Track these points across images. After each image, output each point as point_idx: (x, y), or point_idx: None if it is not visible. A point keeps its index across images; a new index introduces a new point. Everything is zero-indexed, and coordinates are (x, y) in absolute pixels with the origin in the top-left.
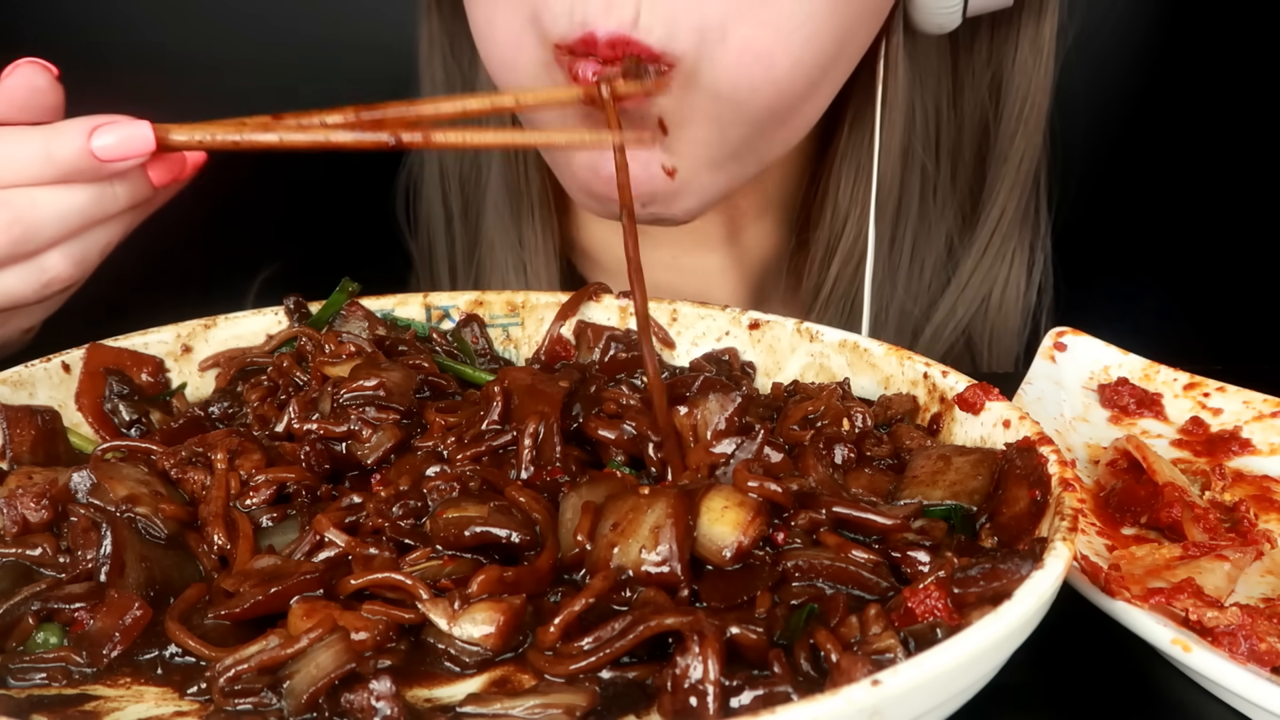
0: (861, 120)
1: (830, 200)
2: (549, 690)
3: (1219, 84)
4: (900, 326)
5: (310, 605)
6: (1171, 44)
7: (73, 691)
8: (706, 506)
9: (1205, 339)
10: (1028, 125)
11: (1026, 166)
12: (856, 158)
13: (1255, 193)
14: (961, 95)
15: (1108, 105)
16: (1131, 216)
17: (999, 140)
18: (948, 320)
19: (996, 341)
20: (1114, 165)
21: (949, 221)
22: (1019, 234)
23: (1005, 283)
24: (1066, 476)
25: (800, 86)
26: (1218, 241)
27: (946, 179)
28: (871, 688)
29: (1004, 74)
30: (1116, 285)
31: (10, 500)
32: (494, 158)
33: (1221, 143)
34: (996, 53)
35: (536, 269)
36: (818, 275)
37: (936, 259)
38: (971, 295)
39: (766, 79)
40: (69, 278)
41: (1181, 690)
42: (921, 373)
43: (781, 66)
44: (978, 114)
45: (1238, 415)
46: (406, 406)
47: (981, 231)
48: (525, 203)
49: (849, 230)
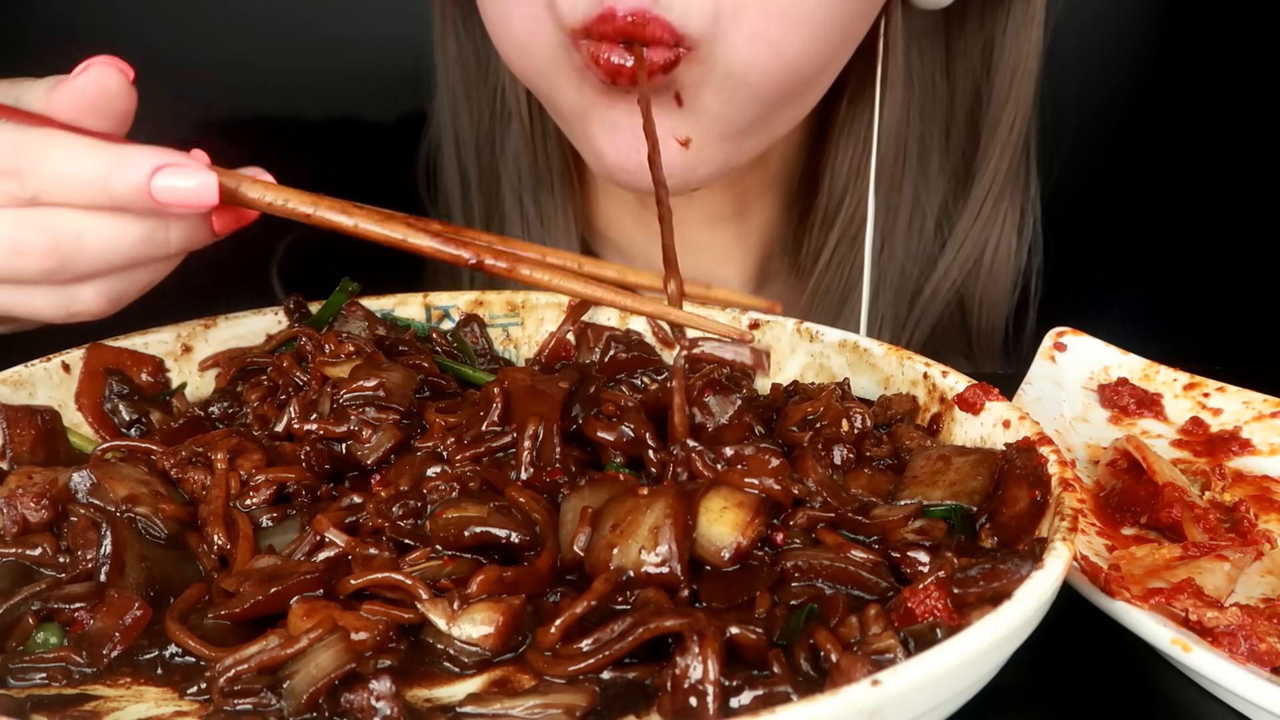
0: (861, 94)
1: (829, 169)
2: (549, 690)
3: (1216, 81)
4: (900, 288)
5: (310, 605)
6: (1169, 40)
7: (73, 691)
8: (705, 507)
9: (1193, 333)
10: (1019, 90)
11: (1018, 130)
12: (856, 130)
13: (1253, 191)
14: (954, 63)
15: (1107, 103)
16: (1126, 213)
17: (991, 106)
18: (944, 281)
19: (988, 300)
20: (1110, 163)
21: (943, 185)
22: (1009, 196)
23: (997, 243)
24: (1066, 476)
25: (809, 70)
26: (1216, 240)
27: (940, 144)
28: (871, 688)
29: (995, 41)
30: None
31: (10, 500)
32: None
33: (1218, 141)
34: (988, 21)
35: (555, 240)
36: (817, 241)
37: (933, 222)
38: (966, 255)
39: (778, 64)
40: (98, 313)
41: (1181, 690)
42: (921, 373)
43: (792, 52)
44: (970, 81)
45: (1238, 415)
46: (406, 407)
47: (975, 193)
48: (545, 178)
49: (849, 198)
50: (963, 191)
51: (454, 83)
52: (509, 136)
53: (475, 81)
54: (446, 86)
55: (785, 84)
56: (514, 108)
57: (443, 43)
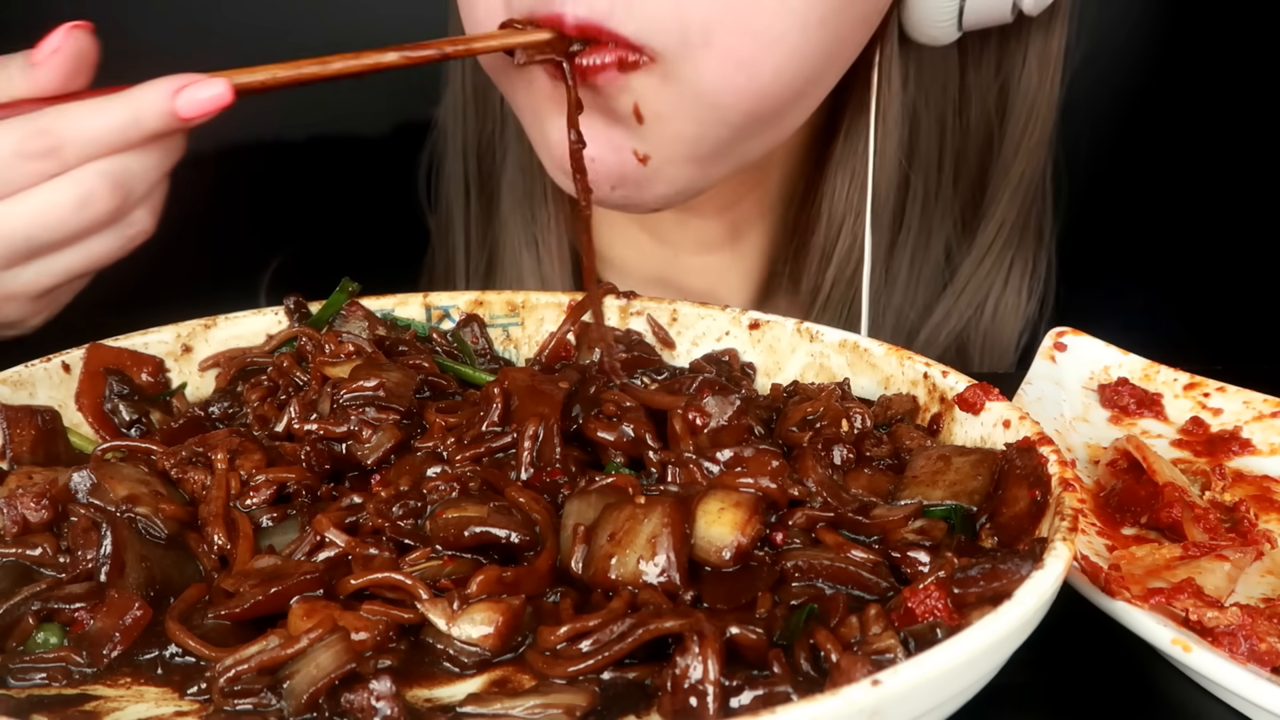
0: (857, 127)
1: (825, 205)
2: (549, 690)
3: (1220, 87)
4: (896, 328)
5: (310, 605)
6: (1174, 44)
7: (73, 691)
8: (703, 510)
9: (1198, 336)
10: (1031, 139)
11: (1029, 180)
12: (851, 164)
13: (1254, 195)
14: (968, 105)
15: (1111, 106)
16: (1131, 218)
17: (1002, 152)
18: (942, 326)
19: (990, 350)
20: (1114, 167)
21: (948, 229)
22: (1018, 245)
23: (1002, 292)
24: (1066, 476)
25: (784, 94)
26: (1217, 243)
27: (949, 186)
28: (871, 688)
29: (1010, 86)
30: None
31: (10, 500)
32: (513, 136)
33: (1221, 144)
34: (1004, 65)
35: (549, 247)
36: (815, 279)
37: (935, 266)
38: (966, 303)
39: (748, 87)
40: (150, 230)
41: (1181, 690)
42: (921, 373)
43: (765, 76)
44: (983, 124)
45: (1238, 415)
46: (406, 407)
47: (980, 240)
48: (539, 185)
49: (844, 236)
50: (969, 236)
51: (465, 88)
52: (510, 144)
53: (482, 87)
54: (457, 91)
55: (756, 108)
56: (510, 114)
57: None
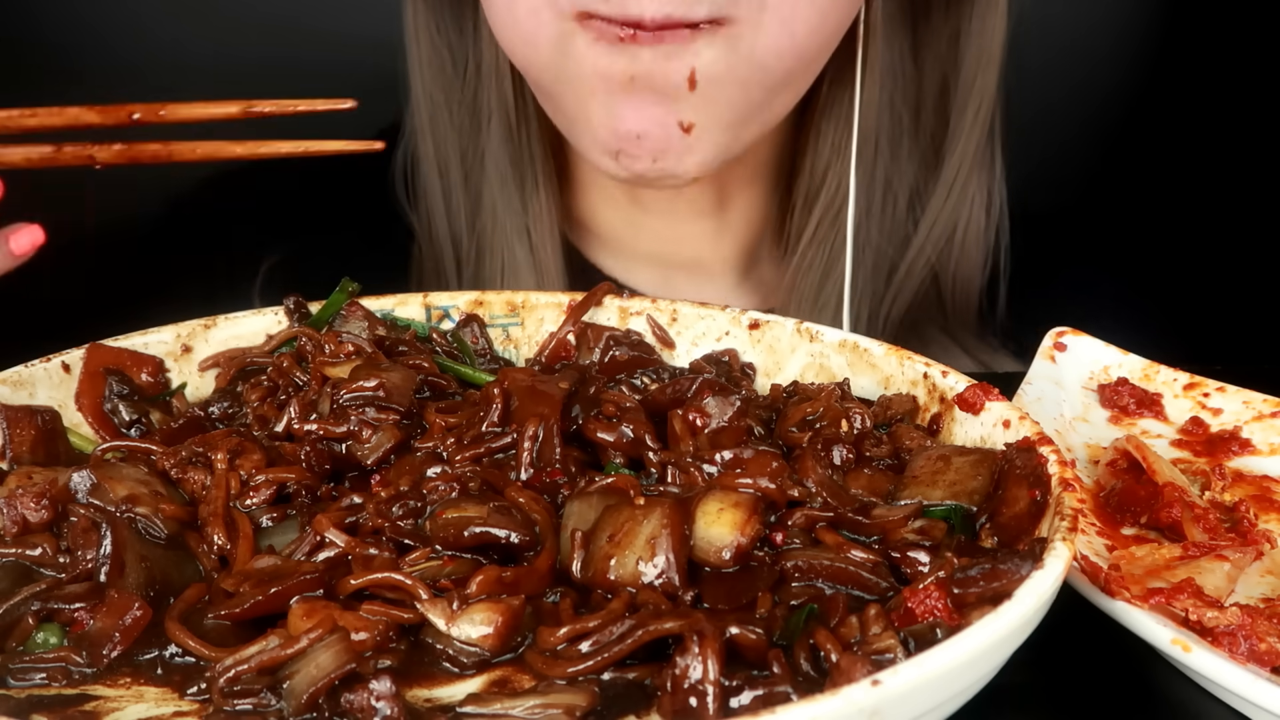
0: (841, 78)
1: (811, 152)
2: (549, 690)
3: (1215, 82)
4: (877, 265)
5: (310, 605)
6: (1159, 38)
7: (73, 691)
8: (702, 511)
9: (1198, 336)
10: (984, 78)
11: (984, 115)
12: (836, 112)
13: (1250, 190)
14: (922, 52)
15: (1105, 103)
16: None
17: (958, 92)
18: (918, 257)
19: (961, 275)
20: (1105, 162)
21: (914, 168)
22: (977, 177)
23: (968, 221)
24: (1066, 476)
25: (814, 53)
26: (1216, 242)
27: (910, 129)
28: (871, 688)
29: (961, 31)
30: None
31: (10, 500)
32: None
33: (1214, 138)
34: (953, 13)
35: (541, 235)
36: (800, 221)
37: (905, 203)
38: (939, 234)
39: (790, 46)
40: None
41: (1181, 690)
42: (921, 373)
43: (801, 33)
44: (937, 68)
45: (1238, 415)
46: (406, 407)
47: (945, 175)
48: (529, 173)
49: (830, 179)
50: (933, 173)
51: (430, 88)
52: (490, 136)
53: (452, 84)
54: (422, 92)
55: (793, 67)
56: (494, 107)
57: (415, 49)
